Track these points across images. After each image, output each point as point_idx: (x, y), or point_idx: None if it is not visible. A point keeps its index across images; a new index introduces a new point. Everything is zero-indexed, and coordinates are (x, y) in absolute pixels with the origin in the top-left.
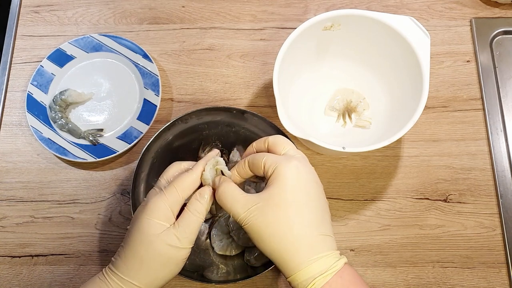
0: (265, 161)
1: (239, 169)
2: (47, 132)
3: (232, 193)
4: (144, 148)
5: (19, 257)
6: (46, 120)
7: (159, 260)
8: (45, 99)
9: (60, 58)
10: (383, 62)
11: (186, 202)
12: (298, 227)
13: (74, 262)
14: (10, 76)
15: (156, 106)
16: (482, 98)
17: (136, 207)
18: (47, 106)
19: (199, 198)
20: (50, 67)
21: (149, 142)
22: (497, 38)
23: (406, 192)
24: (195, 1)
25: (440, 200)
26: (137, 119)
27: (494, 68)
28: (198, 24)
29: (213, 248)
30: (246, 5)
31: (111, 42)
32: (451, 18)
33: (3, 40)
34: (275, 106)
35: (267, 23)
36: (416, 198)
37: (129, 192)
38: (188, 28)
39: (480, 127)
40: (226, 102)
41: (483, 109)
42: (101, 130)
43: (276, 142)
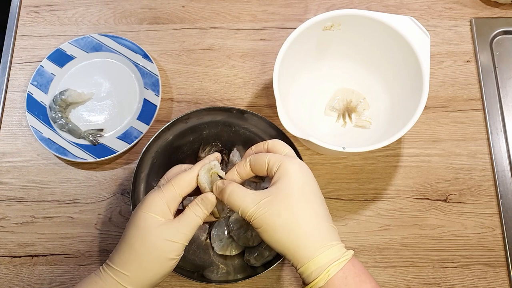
0: (269, 159)
1: (240, 169)
2: (47, 132)
3: (241, 191)
4: (144, 148)
5: (19, 257)
6: (46, 120)
7: (152, 253)
8: (45, 99)
9: (60, 58)
10: (383, 62)
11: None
12: (310, 217)
13: (74, 262)
14: (10, 76)
15: (156, 106)
16: (482, 98)
17: None
18: (47, 106)
19: (200, 203)
20: (50, 67)
21: (149, 142)
22: (497, 38)
23: (406, 192)
24: (195, 1)
25: (440, 200)
26: (137, 119)
27: (494, 68)
28: (198, 24)
29: (213, 248)
30: (246, 5)
31: (111, 42)
32: (451, 18)
33: (3, 40)
34: (275, 106)
35: (267, 23)
36: (416, 198)
37: (129, 192)
38: (188, 28)
39: (480, 127)
40: (226, 102)
41: (483, 109)
42: (101, 130)
43: (276, 145)
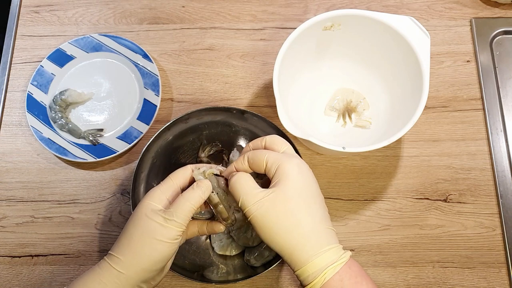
0: (267, 159)
1: (238, 166)
2: (47, 132)
3: (247, 182)
4: (144, 148)
5: (19, 257)
6: (46, 120)
7: (143, 235)
8: (45, 99)
9: (60, 58)
10: (383, 62)
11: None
12: (308, 220)
13: (74, 262)
14: (10, 76)
15: (156, 106)
16: (482, 98)
17: None
18: (47, 106)
19: (195, 187)
20: (50, 67)
21: (149, 142)
22: (497, 38)
23: (406, 192)
24: (195, 1)
25: (440, 200)
26: (137, 119)
27: (494, 68)
28: (198, 24)
29: (213, 248)
30: (246, 5)
31: (111, 42)
32: (451, 18)
33: (3, 40)
34: (275, 106)
35: (267, 23)
36: (416, 198)
37: (129, 192)
38: (188, 28)
39: (480, 127)
40: (226, 102)
41: (483, 109)
42: (101, 130)
43: (274, 142)
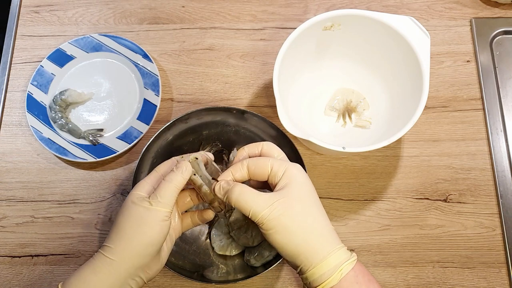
0: (272, 164)
1: (236, 172)
2: (47, 132)
3: (251, 192)
4: (144, 148)
5: (19, 257)
6: (46, 120)
7: (129, 219)
8: (45, 99)
9: (60, 58)
10: (383, 62)
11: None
12: (321, 219)
13: (74, 262)
14: (10, 76)
15: (156, 106)
16: (482, 98)
17: None
18: (47, 106)
19: (175, 169)
20: (50, 67)
21: (149, 142)
22: (497, 38)
23: (406, 192)
24: (195, 1)
25: (440, 200)
26: (137, 119)
27: (494, 68)
28: (198, 24)
29: (213, 248)
30: (246, 5)
31: (111, 42)
32: (451, 18)
33: (3, 40)
34: (275, 106)
35: (267, 23)
36: (416, 198)
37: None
38: (188, 28)
39: (480, 127)
40: (226, 102)
41: (483, 109)
42: (101, 130)
43: (271, 149)
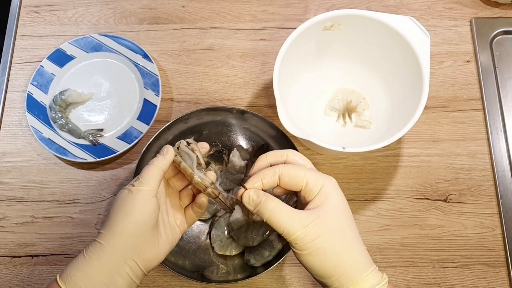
0: (308, 179)
1: (266, 179)
2: (47, 132)
3: (285, 210)
4: (144, 148)
5: (19, 257)
6: (46, 120)
7: (119, 206)
8: (45, 99)
9: (60, 58)
10: (383, 62)
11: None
12: (356, 241)
13: None
14: (10, 76)
15: (156, 106)
16: (482, 98)
17: None
18: (47, 106)
19: (158, 154)
20: (50, 67)
21: (149, 142)
22: (497, 38)
23: (406, 192)
24: (195, 1)
25: (440, 200)
26: (137, 119)
27: (494, 68)
28: (198, 24)
29: (213, 248)
30: (246, 5)
31: (111, 42)
32: (451, 18)
33: (3, 40)
34: (275, 106)
35: (267, 23)
36: (416, 198)
37: None
38: (188, 28)
39: (480, 127)
40: (226, 102)
41: (483, 109)
42: (101, 130)
43: (299, 158)
